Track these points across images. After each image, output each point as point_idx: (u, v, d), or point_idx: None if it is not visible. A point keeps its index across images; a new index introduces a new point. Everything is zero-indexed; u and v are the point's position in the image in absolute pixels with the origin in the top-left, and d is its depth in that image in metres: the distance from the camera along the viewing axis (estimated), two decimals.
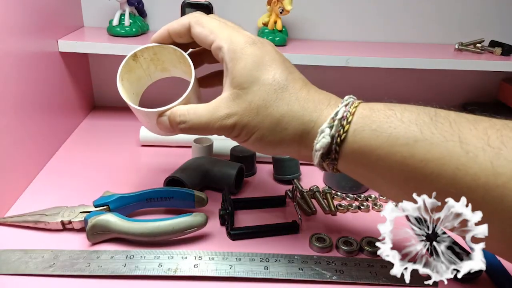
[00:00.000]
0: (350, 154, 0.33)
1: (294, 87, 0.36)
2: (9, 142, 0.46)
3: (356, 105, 0.34)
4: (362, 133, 0.32)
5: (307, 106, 0.35)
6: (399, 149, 0.31)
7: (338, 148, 0.33)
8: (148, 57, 0.48)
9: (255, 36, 0.38)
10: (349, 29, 0.78)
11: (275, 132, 0.35)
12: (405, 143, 0.30)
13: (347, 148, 0.33)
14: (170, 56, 0.47)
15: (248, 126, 0.36)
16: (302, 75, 0.38)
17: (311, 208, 0.50)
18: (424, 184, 0.30)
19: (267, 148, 0.37)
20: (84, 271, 0.38)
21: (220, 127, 0.36)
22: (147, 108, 0.40)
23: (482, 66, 0.69)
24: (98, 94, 0.80)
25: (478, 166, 0.28)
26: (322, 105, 0.35)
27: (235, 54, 0.36)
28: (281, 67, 0.36)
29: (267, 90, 0.35)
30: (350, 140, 0.33)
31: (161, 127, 0.40)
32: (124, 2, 0.67)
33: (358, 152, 0.33)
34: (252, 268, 0.39)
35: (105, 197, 0.45)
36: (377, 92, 0.84)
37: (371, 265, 0.41)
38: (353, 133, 0.33)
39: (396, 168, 0.31)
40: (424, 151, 0.30)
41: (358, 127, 0.33)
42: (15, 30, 0.48)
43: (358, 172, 0.35)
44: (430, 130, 0.30)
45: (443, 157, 0.29)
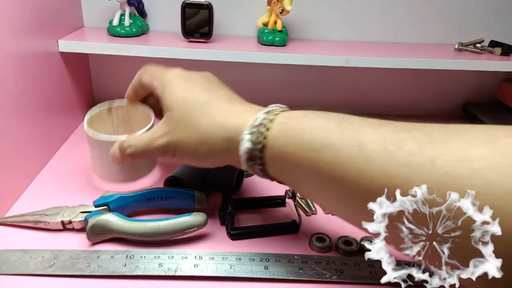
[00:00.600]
0: (273, 160, 0.35)
1: (217, 101, 0.40)
2: (9, 142, 0.46)
3: (276, 113, 0.37)
4: (280, 139, 0.34)
5: (230, 115, 0.38)
6: (310, 154, 0.33)
7: (261, 153, 0.35)
8: (120, 116, 0.54)
9: (189, 71, 0.44)
10: (349, 29, 0.78)
11: (204, 143, 0.38)
12: (314, 148, 0.32)
13: (269, 154, 0.35)
14: (139, 115, 0.53)
15: (180, 142, 0.39)
16: (231, 92, 0.43)
17: (311, 208, 0.50)
18: (333, 187, 0.32)
19: (203, 160, 0.40)
20: (84, 271, 0.38)
21: (157, 147, 0.40)
22: None
23: (482, 66, 0.69)
24: (98, 94, 0.80)
25: (374, 170, 0.29)
26: (245, 114, 0.38)
27: (164, 86, 0.42)
28: (204, 88, 0.41)
29: (191, 106, 0.39)
30: (270, 145, 0.35)
31: (112, 155, 0.45)
32: (124, 2, 0.67)
33: (279, 157, 0.35)
34: (252, 268, 0.39)
35: (105, 197, 0.45)
36: (377, 92, 0.84)
37: (371, 265, 0.41)
38: (272, 139, 0.35)
39: (310, 172, 0.33)
40: (330, 156, 0.31)
41: (276, 134, 0.35)
42: (15, 30, 0.48)
43: (284, 176, 0.37)
44: (336, 136, 0.32)
45: (346, 162, 0.30)
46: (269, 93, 0.82)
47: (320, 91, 0.83)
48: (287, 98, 0.83)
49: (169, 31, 0.75)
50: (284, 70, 0.80)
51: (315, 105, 0.85)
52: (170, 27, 0.75)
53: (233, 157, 0.37)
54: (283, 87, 0.82)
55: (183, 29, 0.66)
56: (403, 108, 0.86)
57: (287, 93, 0.83)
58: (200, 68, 0.78)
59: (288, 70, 0.80)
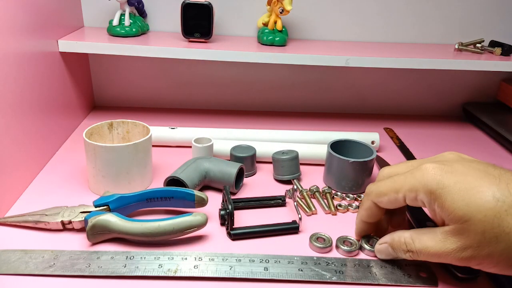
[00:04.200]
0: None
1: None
2: (9, 142, 0.46)
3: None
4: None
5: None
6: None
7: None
8: (121, 133, 0.55)
9: (428, 159, 0.38)
10: (349, 29, 0.78)
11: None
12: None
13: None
14: (139, 132, 0.55)
15: (491, 256, 0.33)
16: (497, 167, 0.36)
17: (311, 208, 0.50)
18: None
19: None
20: (84, 272, 0.38)
21: (455, 259, 0.35)
22: None
23: (482, 66, 0.69)
24: (98, 94, 0.80)
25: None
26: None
27: (434, 194, 0.35)
28: (487, 179, 0.34)
29: (494, 213, 0.32)
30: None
31: (381, 254, 0.41)
32: (124, 2, 0.67)
33: None
34: (252, 269, 0.39)
35: (105, 197, 0.45)
36: (377, 92, 0.84)
37: (371, 266, 0.41)
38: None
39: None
40: None
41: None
42: (15, 30, 0.48)
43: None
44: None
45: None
46: (269, 93, 0.82)
47: (320, 91, 0.83)
48: (287, 98, 0.83)
49: (169, 31, 0.75)
50: (284, 70, 0.80)
51: (315, 105, 0.85)
52: (170, 27, 0.75)
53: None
54: (283, 87, 0.82)
55: (183, 29, 0.66)
56: (403, 108, 0.86)
57: (287, 93, 0.83)
58: (200, 68, 0.79)
59: (288, 70, 0.80)
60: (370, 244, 0.43)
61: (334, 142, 0.57)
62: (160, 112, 0.80)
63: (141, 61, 0.77)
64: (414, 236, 0.37)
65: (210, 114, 0.80)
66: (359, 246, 0.43)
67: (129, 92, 0.80)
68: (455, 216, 0.33)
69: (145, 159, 0.51)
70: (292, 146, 0.61)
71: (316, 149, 0.61)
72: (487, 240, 0.32)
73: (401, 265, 0.41)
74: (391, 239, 0.40)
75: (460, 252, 0.34)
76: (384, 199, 0.39)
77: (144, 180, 0.53)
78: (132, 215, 0.47)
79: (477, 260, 0.34)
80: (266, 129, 0.69)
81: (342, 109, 0.85)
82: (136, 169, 0.50)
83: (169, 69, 0.78)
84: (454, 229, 0.34)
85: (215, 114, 0.80)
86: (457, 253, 0.34)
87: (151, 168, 0.54)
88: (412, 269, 0.41)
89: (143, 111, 0.79)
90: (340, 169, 0.54)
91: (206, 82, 0.80)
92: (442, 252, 0.35)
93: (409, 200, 0.37)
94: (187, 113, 0.80)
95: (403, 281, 0.39)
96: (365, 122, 0.81)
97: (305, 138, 0.66)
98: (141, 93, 0.81)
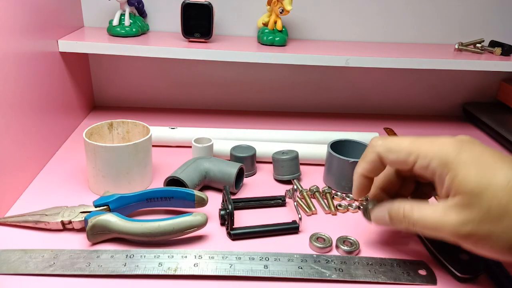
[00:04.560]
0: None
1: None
2: (9, 142, 0.46)
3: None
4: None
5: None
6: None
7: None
8: (121, 133, 0.55)
9: (450, 137, 0.37)
10: (349, 29, 0.78)
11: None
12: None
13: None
14: (139, 132, 0.55)
15: (491, 236, 0.32)
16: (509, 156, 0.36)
17: (311, 208, 0.50)
18: None
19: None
20: (84, 271, 0.38)
21: (452, 234, 0.34)
22: None
23: (482, 66, 0.69)
24: (98, 94, 0.80)
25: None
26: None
27: (449, 166, 0.34)
28: (501, 161, 0.34)
29: (504, 192, 0.32)
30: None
31: (377, 221, 0.41)
32: (124, 2, 0.67)
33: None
34: (252, 267, 0.39)
35: (105, 197, 0.45)
36: (377, 92, 0.84)
37: (370, 264, 0.41)
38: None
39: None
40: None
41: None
42: (15, 30, 0.48)
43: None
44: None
45: None
46: (269, 93, 0.82)
47: (320, 91, 0.83)
48: (287, 98, 0.83)
49: (169, 31, 0.75)
50: (284, 70, 0.80)
51: (315, 105, 0.85)
52: (170, 27, 0.75)
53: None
54: (283, 87, 0.82)
55: (183, 29, 0.66)
56: (403, 108, 0.86)
57: (287, 93, 0.83)
58: (200, 68, 0.79)
59: (288, 70, 0.80)
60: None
61: (334, 142, 0.57)
62: (160, 112, 0.80)
63: (141, 61, 0.78)
64: (414, 206, 0.37)
65: (210, 114, 0.80)
66: (359, 246, 0.43)
67: (129, 92, 0.80)
68: (465, 188, 0.33)
69: (145, 159, 0.51)
70: (292, 146, 0.61)
71: (316, 149, 0.61)
72: (491, 217, 0.32)
73: (400, 263, 0.41)
74: (390, 207, 0.39)
75: (460, 226, 0.33)
76: (392, 155, 0.38)
77: (144, 180, 0.53)
78: (132, 215, 0.47)
79: (473, 239, 0.33)
80: (266, 129, 0.69)
81: (342, 109, 0.85)
82: (136, 169, 0.50)
83: (169, 69, 0.79)
84: (460, 201, 0.34)
85: (215, 114, 0.80)
86: (456, 227, 0.34)
87: (151, 168, 0.54)
88: (411, 267, 0.41)
89: (143, 111, 0.79)
90: (340, 169, 0.54)
91: (206, 82, 0.80)
92: (441, 225, 0.34)
93: (419, 166, 0.36)
94: (187, 113, 0.80)
95: (402, 279, 0.39)
96: (365, 122, 0.81)
97: (305, 138, 0.66)
98: (141, 93, 0.81)
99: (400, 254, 0.43)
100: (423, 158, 0.36)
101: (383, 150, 0.38)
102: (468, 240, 0.34)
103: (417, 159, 0.36)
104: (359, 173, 0.41)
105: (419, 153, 0.36)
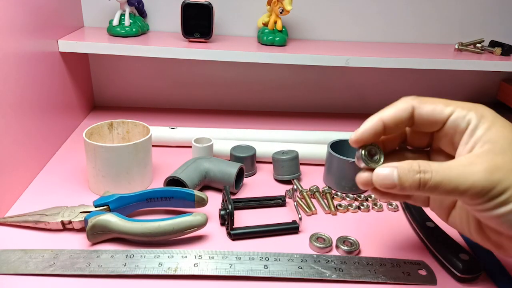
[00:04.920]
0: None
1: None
2: (9, 142, 0.46)
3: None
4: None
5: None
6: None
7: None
8: (121, 133, 0.55)
9: None
10: (349, 29, 0.78)
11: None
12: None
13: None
14: (139, 132, 0.55)
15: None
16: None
17: (311, 208, 0.50)
18: None
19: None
20: (84, 271, 0.38)
21: (478, 183, 0.29)
22: None
23: (482, 66, 0.69)
24: (98, 94, 0.80)
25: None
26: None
27: (486, 117, 0.32)
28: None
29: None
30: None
31: (379, 181, 0.32)
32: (124, 2, 0.67)
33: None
34: (252, 267, 0.39)
35: (105, 197, 0.45)
36: (377, 92, 0.84)
37: (370, 264, 0.41)
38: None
39: None
40: None
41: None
42: (15, 30, 0.48)
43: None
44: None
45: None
46: (269, 93, 0.82)
47: (320, 91, 0.83)
48: (287, 98, 0.83)
49: (169, 31, 0.75)
50: (284, 70, 0.80)
51: (315, 105, 0.85)
52: (170, 27, 0.75)
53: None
54: (283, 87, 0.82)
55: (183, 29, 0.66)
56: None
57: (287, 93, 0.83)
58: (200, 68, 0.79)
59: (288, 70, 0.80)
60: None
61: (334, 142, 0.57)
62: (160, 112, 0.80)
63: (141, 61, 0.78)
64: (432, 160, 0.33)
65: (210, 114, 0.80)
66: (359, 246, 0.43)
67: (129, 92, 0.80)
68: (502, 135, 0.31)
69: (145, 159, 0.51)
70: (292, 146, 0.61)
71: (316, 149, 0.61)
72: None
73: (400, 263, 0.41)
74: (399, 163, 0.32)
75: (489, 173, 0.29)
76: (428, 106, 0.34)
77: (144, 180, 0.53)
78: (132, 215, 0.47)
79: (499, 190, 0.29)
80: (266, 129, 0.69)
81: (342, 109, 0.85)
82: (136, 169, 0.50)
83: (169, 69, 0.79)
84: (491, 148, 0.31)
85: (215, 114, 0.80)
86: (484, 175, 0.29)
87: (151, 168, 0.54)
88: (411, 267, 0.41)
89: (143, 111, 0.79)
90: (340, 169, 0.54)
91: (206, 82, 0.80)
92: (465, 175, 0.30)
93: (456, 116, 0.33)
94: (187, 113, 0.80)
95: (402, 279, 0.39)
96: None
97: (305, 138, 0.66)
98: (141, 93, 0.81)
99: (400, 254, 0.43)
100: (460, 110, 0.33)
101: (418, 101, 0.35)
102: (492, 194, 0.29)
103: (455, 111, 0.33)
104: (378, 116, 0.36)
105: (457, 106, 0.34)
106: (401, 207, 0.52)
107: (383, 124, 0.36)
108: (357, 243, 0.44)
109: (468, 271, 0.39)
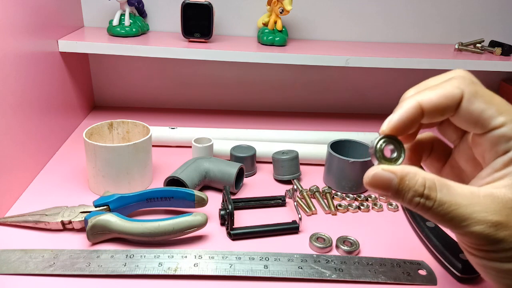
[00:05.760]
0: None
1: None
2: (9, 142, 0.46)
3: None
4: None
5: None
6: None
7: None
8: (121, 133, 0.55)
9: None
10: (349, 29, 0.78)
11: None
12: None
13: None
14: (139, 132, 0.55)
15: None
16: None
17: (311, 208, 0.50)
18: None
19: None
20: (84, 271, 0.38)
21: (484, 231, 0.25)
22: None
23: (482, 66, 0.69)
24: (98, 94, 0.80)
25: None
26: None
27: None
28: None
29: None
30: None
31: (373, 183, 0.27)
32: (124, 2, 0.67)
33: None
34: (252, 267, 0.39)
35: (105, 197, 0.45)
36: (377, 92, 0.84)
37: (370, 264, 0.41)
38: None
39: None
40: None
41: None
42: (15, 30, 0.48)
43: None
44: None
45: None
46: (269, 93, 0.82)
47: (320, 91, 0.83)
48: (287, 98, 0.83)
49: (169, 31, 0.75)
50: (284, 70, 0.80)
51: (315, 105, 0.85)
52: (170, 27, 0.75)
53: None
54: (283, 87, 0.82)
55: (183, 29, 0.66)
56: None
57: (287, 93, 0.83)
58: (200, 68, 0.79)
59: (288, 70, 0.80)
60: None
61: (334, 142, 0.57)
62: (160, 112, 0.80)
63: (141, 61, 0.78)
64: (441, 181, 0.26)
65: (210, 114, 0.80)
66: (359, 246, 0.43)
67: (129, 92, 0.80)
68: None
69: (145, 159, 0.51)
70: (292, 146, 0.61)
71: (316, 149, 0.61)
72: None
73: (400, 263, 0.41)
74: (403, 171, 0.26)
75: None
76: (479, 105, 0.26)
77: (144, 180, 0.53)
78: (132, 215, 0.47)
79: None
80: (266, 129, 0.69)
81: (342, 109, 0.85)
82: (136, 169, 0.50)
83: (169, 69, 0.79)
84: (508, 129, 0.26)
85: (215, 114, 0.80)
86: (506, 203, 0.25)
87: (151, 168, 0.54)
88: (411, 267, 0.41)
89: (143, 111, 0.79)
90: (340, 169, 0.54)
91: (206, 82, 0.80)
92: (479, 206, 0.25)
93: (503, 132, 0.26)
94: (187, 113, 0.80)
95: (402, 279, 0.39)
96: (365, 122, 0.81)
97: (305, 138, 0.66)
98: (141, 93, 0.81)
99: (400, 254, 0.43)
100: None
101: (471, 91, 0.27)
102: (499, 245, 0.25)
103: (506, 124, 0.26)
104: (416, 100, 0.28)
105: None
106: (401, 207, 0.52)
107: (420, 107, 0.27)
108: (357, 243, 0.44)
109: (468, 271, 0.39)
